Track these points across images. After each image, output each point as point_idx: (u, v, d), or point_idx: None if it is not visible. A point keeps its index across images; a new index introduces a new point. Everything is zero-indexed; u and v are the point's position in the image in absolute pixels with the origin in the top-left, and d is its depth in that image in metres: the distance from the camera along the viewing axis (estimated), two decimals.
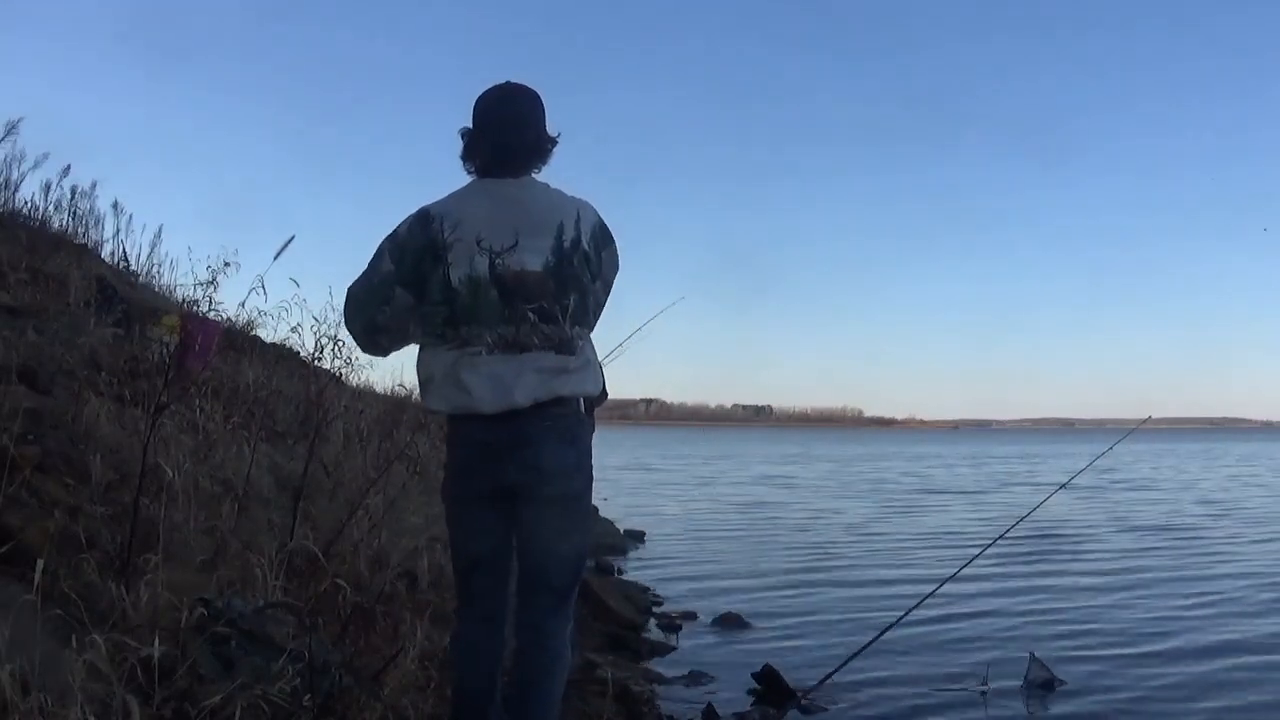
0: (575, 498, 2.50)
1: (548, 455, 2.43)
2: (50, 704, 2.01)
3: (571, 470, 2.47)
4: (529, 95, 2.61)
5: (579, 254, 2.49)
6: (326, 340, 4.29)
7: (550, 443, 2.43)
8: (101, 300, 6.90)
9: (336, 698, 2.69)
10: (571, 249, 2.48)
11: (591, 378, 2.51)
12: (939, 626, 6.00)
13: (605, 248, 2.59)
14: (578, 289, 2.49)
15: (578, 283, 2.49)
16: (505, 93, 2.59)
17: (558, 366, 2.43)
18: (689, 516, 14.10)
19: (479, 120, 2.55)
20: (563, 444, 2.45)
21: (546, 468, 2.43)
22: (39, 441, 3.61)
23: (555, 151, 2.61)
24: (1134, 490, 19.37)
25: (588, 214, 2.55)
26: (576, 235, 2.49)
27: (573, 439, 2.47)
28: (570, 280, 2.47)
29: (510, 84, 2.61)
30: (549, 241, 2.46)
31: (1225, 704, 4.61)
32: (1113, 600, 7.32)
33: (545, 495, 2.45)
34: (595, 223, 2.56)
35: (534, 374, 2.41)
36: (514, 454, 2.43)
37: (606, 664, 4.56)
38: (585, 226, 2.52)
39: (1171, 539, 11.32)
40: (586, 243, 2.51)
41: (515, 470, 2.44)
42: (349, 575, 3.63)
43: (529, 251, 2.43)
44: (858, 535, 11.72)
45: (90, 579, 2.80)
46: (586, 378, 2.50)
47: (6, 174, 9.51)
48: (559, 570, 2.49)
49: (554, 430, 2.43)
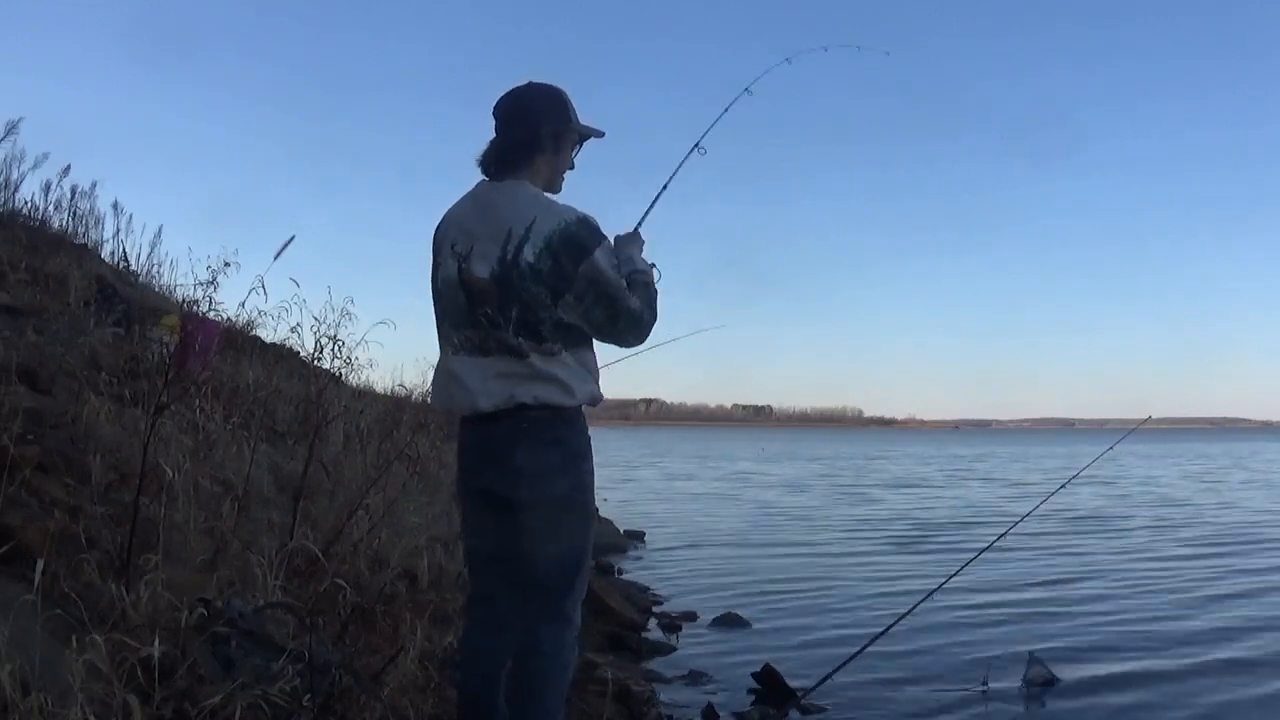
0: (559, 500, 2.42)
1: (524, 457, 2.40)
2: (50, 704, 2.01)
3: (553, 472, 2.41)
4: (532, 93, 2.57)
5: (523, 264, 2.34)
6: (326, 340, 4.28)
7: (525, 445, 2.40)
8: (101, 300, 6.90)
9: (336, 698, 2.69)
10: (514, 259, 2.35)
11: (556, 389, 2.39)
12: (939, 626, 6.00)
13: (570, 256, 2.35)
14: (519, 301, 2.36)
15: (520, 294, 2.35)
16: (509, 93, 2.57)
17: (515, 372, 2.39)
18: (689, 517, 14.10)
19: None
20: (541, 446, 2.40)
21: (524, 470, 2.40)
22: (39, 441, 3.60)
23: (568, 144, 2.57)
24: (1134, 490, 19.36)
25: (547, 222, 2.36)
26: (520, 245, 2.35)
27: (555, 440, 2.42)
28: (513, 291, 2.36)
29: (524, 84, 2.59)
30: (495, 249, 2.38)
31: (1224, 701, 4.61)
32: (1113, 600, 7.31)
33: (525, 498, 2.42)
34: (553, 231, 2.35)
35: (495, 379, 2.40)
36: (490, 457, 2.46)
37: (606, 664, 4.56)
38: (537, 236, 2.34)
39: (1171, 539, 11.32)
40: (534, 253, 2.34)
41: (493, 474, 2.46)
42: (349, 575, 3.62)
43: (478, 258, 2.41)
44: (858, 535, 11.73)
45: (90, 579, 2.79)
46: (550, 389, 2.39)
47: (6, 174, 9.54)
48: (547, 573, 2.44)
49: (530, 433, 2.40)
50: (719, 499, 17.72)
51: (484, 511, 2.53)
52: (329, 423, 5.67)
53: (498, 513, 2.47)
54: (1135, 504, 16.10)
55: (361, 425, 6.74)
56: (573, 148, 2.62)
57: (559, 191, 2.62)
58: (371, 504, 4.59)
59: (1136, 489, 19.63)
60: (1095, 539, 11.24)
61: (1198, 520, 13.49)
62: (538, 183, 2.55)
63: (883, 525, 12.89)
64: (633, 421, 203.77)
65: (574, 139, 2.61)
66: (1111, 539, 11.29)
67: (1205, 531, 12.05)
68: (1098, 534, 11.73)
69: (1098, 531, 11.98)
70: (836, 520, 13.55)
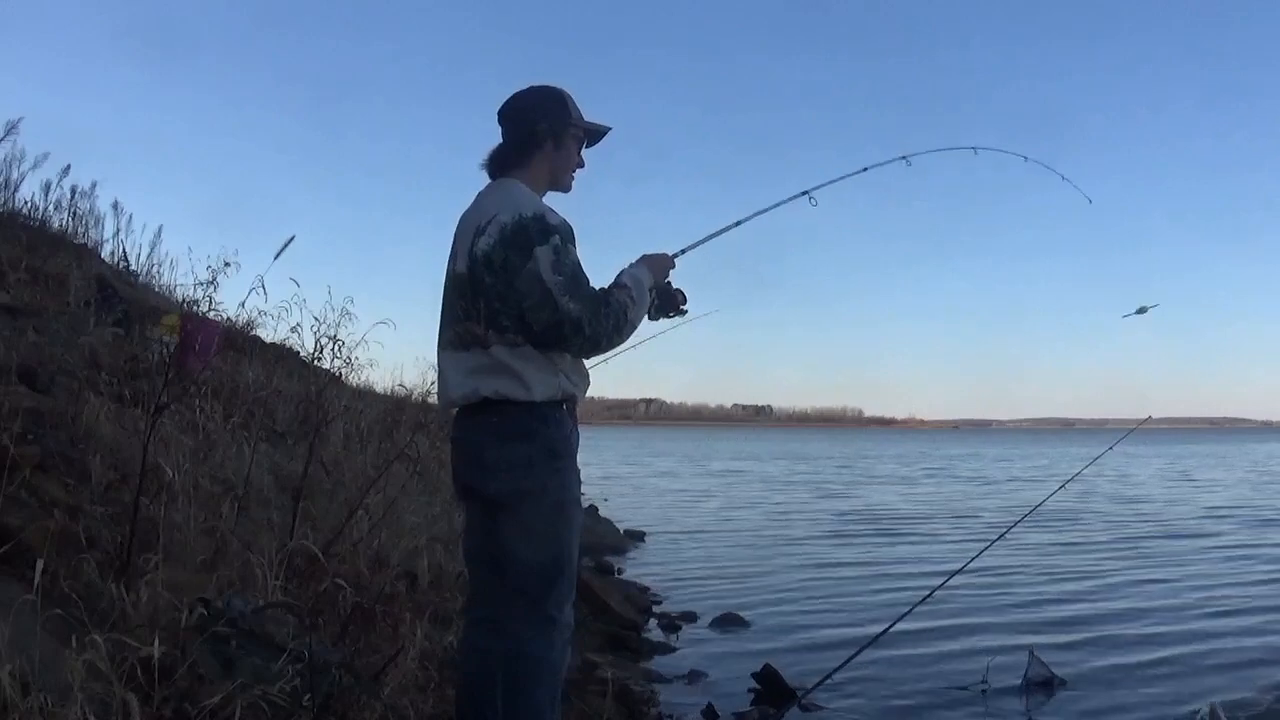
0: (530, 496, 2.40)
1: (492, 453, 2.42)
2: (50, 704, 2.01)
3: (522, 467, 2.39)
4: (529, 94, 2.59)
5: (479, 255, 2.41)
6: (326, 340, 4.28)
7: (492, 441, 2.42)
8: (101, 300, 6.91)
9: (336, 698, 2.68)
10: (479, 255, 2.41)
11: (513, 383, 2.38)
12: (939, 626, 5.99)
13: (516, 250, 2.36)
14: (485, 295, 2.40)
15: (485, 289, 2.40)
16: (510, 96, 2.60)
17: (480, 365, 2.41)
18: (688, 517, 14.11)
19: None
20: (507, 441, 2.40)
21: (493, 465, 2.42)
22: (39, 441, 3.61)
23: (569, 141, 2.58)
24: (1133, 491, 19.36)
25: (501, 218, 2.40)
26: (481, 236, 2.42)
27: (524, 434, 2.40)
28: (478, 286, 2.41)
29: (524, 87, 2.62)
30: (467, 244, 2.46)
31: (1223, 700, 4.61)
32: (1113, 599, 7.32)
33: (496, 494, 2.42)
34: (506, 223, 2.38)
35: (466, 374, 2.44)
36: (464, 453, 2.51)
37: (606, 664, 4.56)
38: (493, 228, 2.39)
39: (1171, 539, 11.32)
40: (489, 244, 2.39)
41: (467, 470, 2.50)
42: (349, 575, 3.62)
43: (460, 254, 2.50)
44: (858, 535, 11.73)
45: (90, 579, 2.79)
46: (508, 383, 2.38)
47: (6, 174, 9.54)
48: (524, 572, 2.41)
49: (497, 428, 2.41)
50: (688, 495, 18.31)
51: (472, 509, 2.56)
52: (329, 423, 5.68)
53: (482, 510, 2.50)
54: (1136, 504, 16.10)
55: (361, 425, 6.76)
56: (577, 145, 2.62)
57: (568, 189, 2.64)
58: (371, 504, 4.59)
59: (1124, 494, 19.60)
60: (1095, 540, 11.23)
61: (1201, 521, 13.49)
62: (539, 181, 2.57)
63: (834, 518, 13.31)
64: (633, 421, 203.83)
65: (577, 136, 2.61)
66: (1111, 539, 11.29)
67: (1213, 533, 12.06)
68: (1098, 535, 11.73)
69: (1098, 532, 11.98)
70: (796, 511, 14.30)
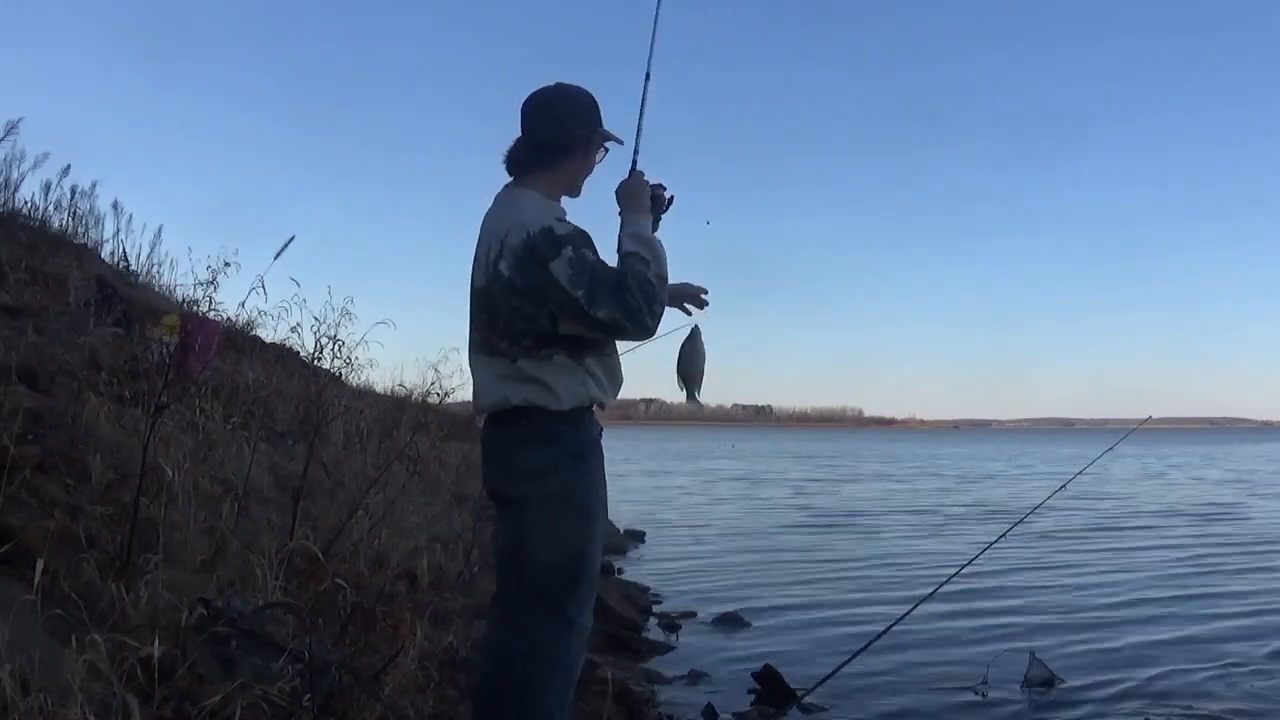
0: (555, 499, 2.42)
1: (519, 458, 2.44)
2: (50, 704, 2.01)
3: (547, 471, 2.41)
4: (566, 95, 2.54)
5: (502, 279, 2.37)
6: (326, 340, 4.29)
7: (519, 446, 2.44)
8: (101, 300, 6.90)
9: (336, 698, 2.68)
10: (495, 272, 2.39)
11: (542, 392, 2.39)
12: (938, 626, 6.00)
13: (535, 269, 2.33)
14: (506, 317, 2.39)
15: (500, 305, 2.39)
16: (541, 92, 2.55)
17: (508, 374, 2.41)
18: (688, 517, 14.11)
19: None
20: (534, 445, 2.42)
21: (519, 470, 2.44)
22: (39, 441, 3.61)
23: (594, 149, 2.56)
24: (1134, 491, 19.36)
25: (514, 235, 2.37)
26: (497, 258, 2.39)
27: (550, 439, 2.41)
28: (495, 301, 2.40)
29: (554, 85, 2.56)
30: (484, 258, 2.44)
31: (1223, 699, 4.61)
32: (1112, 599, 7.31)
33: (522, 497, 2.44)
34: (519, 244, 2.35)
35: (495, 380, 2.44)
36: (491, 457, 2.54)
37: (606, 664, 4.55)
38: (508, 251, 2.36)
39: (1171, 539, 11.32)
40: (509, 268, 2.36)
41: (494, 474, 2.54)
42: (349, 575, 3.63)
43: (478, 264, 2.49)
44: (858, 534, 11.73)
45: (90, 579, 2.79)
46: (538, 391, 2.39)
47: (6, 174, 9.53)
48: (545, 573, 2.42)
49: (524, 433, 2.42)
50: (688, 494, 18.56)
51: (498, 510, 2.58)
52: (329, 423, 5.68)
53: (507, 511, 2.52)
54: (1136, 504, 16.10)
55: (361, 425, 6.75)
56: (597, 152, 2.61)
57: (578, 195, 2.62)
58: (371, 504, 4.60)
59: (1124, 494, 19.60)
60: (1095, 541, 11.23)
61: (1201, 521, 13.49)
62: (559, 185, 2.55)
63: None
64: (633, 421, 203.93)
65: (599, 143, 2.60)
66: (1111, 539, 11.29)
67: (1214, 534, 12.06)
68: (1097, 535, 11.73)
69: (1098, 532, 11.98)
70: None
